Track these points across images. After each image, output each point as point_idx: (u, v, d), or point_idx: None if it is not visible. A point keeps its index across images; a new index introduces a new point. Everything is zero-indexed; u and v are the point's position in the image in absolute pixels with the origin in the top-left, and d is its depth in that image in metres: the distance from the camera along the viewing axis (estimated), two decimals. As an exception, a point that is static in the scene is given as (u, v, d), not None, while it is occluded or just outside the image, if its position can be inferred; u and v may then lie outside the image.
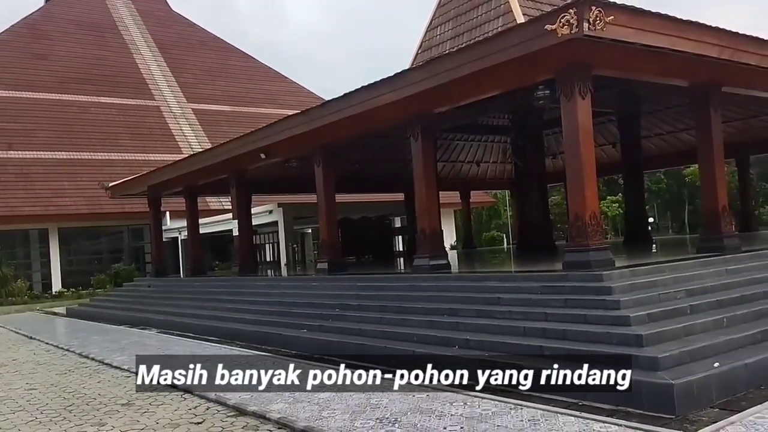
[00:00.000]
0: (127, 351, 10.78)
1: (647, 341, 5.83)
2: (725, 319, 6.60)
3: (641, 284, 7.30)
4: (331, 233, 12.72)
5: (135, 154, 31.50)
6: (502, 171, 23.04)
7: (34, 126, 30.93)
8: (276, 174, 17.08)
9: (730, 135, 17.32)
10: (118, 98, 34.84)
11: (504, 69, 8.13)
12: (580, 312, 6.80)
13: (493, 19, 14.47)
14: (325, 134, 11.74)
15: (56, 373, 9.31)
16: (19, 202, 27.77)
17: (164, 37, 40.37)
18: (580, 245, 7.91)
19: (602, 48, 7.58)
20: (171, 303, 15.76)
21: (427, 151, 10.48)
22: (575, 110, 7.89)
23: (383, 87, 9.68)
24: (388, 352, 7.76)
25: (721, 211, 9.77)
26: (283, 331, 10.05)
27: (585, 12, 6.90)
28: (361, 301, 10.00)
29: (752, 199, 23.52)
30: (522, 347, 6.58)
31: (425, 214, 10.44)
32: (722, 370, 5.47)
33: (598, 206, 8.26)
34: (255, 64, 42.32)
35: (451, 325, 7.81)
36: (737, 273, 8.32)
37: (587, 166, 7.93)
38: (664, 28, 7.81)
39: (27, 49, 34.94)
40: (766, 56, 9.38)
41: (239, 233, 15.81)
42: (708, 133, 9.84)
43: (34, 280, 29.08)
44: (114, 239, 32.11)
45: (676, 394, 5.05)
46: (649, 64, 8.53)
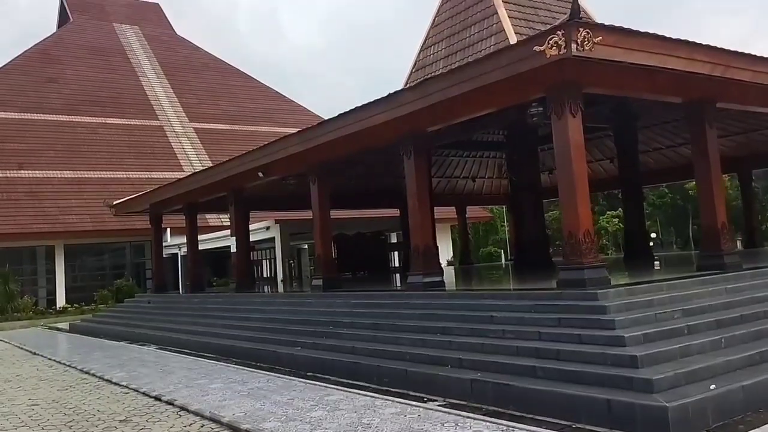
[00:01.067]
0: (127, 367, 10.89)
1: (642, 362, 5.71)
2: (723, 340, 6.46)
3: (638, 303, 7.18)
4: (325, 250, 12.73)
5: (139, 172, 32.12)
6: (498, 186, 23.05)
7: (43, 146, 31.73)
8: (274, 191, 17.18)
9: (731, 149, 17.31)
10: (124, 119, 35.73)
11: (494, 89, 8.16)
12: (574, 332, 6.70)
13: (486, 38, 14.56)
14: (320, 153, 11.82)
15: (58, 389, 9.40)
16: (28, 220, 28.32)
17: (169, 60, 41.49)
18: (574, 263, 7.84)
19: (592, 67, 7.60)
20: (170, 319, 15.78)
21: (420, 169, 10.50)
22: (566, 128, 7.89)
23: (376, 107, 9.75)
24: (380, 371, 7.71)
25: (720, 228, 9.61)
26: (278, 348, 10.03)
27: (573, 33, 6.93)
28: (354, 318, 9.95)
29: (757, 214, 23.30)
30: (514, 367, 6.49)
31: (418, 231, 10.43)
32: (719, 393, 5.32)
33: (592, 223, 8.22)
34: (254, 84, 43.21)
35: (443, 343, 7.73)
36: (737, 292, 8.16)
37: (580, 184, 7.90)
38: (653, 47, 7.82)
39: (39, 74, 36.04)
40: (758, 72, 9.37)
41: (237, 250, 15.86)
42: (704, 148, 9.75)
43: (39, 295, 29.46)
44: (117, 255, 32.48)
45: (671, 417, 4.92)
46: (640, 82, 8.55)
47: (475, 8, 15.15)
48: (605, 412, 5.31)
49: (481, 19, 14.83)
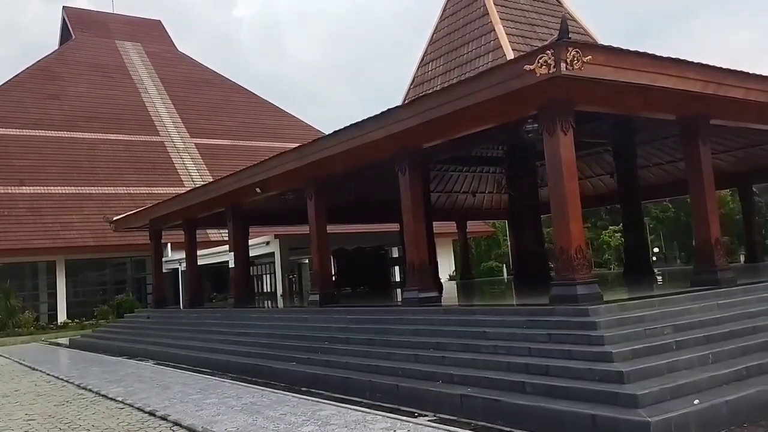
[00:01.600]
0: (124, 383, 10.93)
1: (629, 378, 5.75)
2: (711, 355, 6.49)
3: (628, 319, 7.22)
4: (323, 265, 12.80)
5: (139, 187, 32.26)
6: (498, 201, 23.08)
7: (45, 162, 31.95)
8: (273, 206, 17.24)
9: (731, 164, 17.34)
10: (125, 135, 35.97)
11: (486, 107, 8.27)
12: (564, 347, 6.74)
13: (483, 55, 14.65)
14: (317, 169, 11.95)
15: (54, 404, 9.46)
16: (29, 236, 28.40)
17: (170, 76, 41.87)
18: (566, 279, 7.88)
19: (583, 85, 7.70)
20: (168, 334, 15.82)
21: (415, 185, 10.59)
22: (558, 146, 7.98)
23: (371, 124, 9.88)
24: (373, 386, 7.74)
25: (714, 244, 9.65)
26: (273, 363, 10.06)
27: (562, 53, 7.05)
28: (349, 334, 9.99)
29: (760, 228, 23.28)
30: (504, 382, 6.53)
31: (414, 247, 10.49)
32: (702, 407, 5.36)
33: (583, 240, 8.26)
34: (256, 100, 43.53)
35: (436, 359, 7.77)
36: (728, 307, 8.18)
37: (572, 200, 7.97)
38: (643, 66, 7.93)
39: (40, 90, 36.39)
40: (751, 90, 9.47)
41: (235, 265, 15.92)
42: (698, 165, 9.82)
43: (40, 311, 29.46)
44: (117, 271, 32.51)
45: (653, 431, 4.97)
46: (633, 100, 8.64)
47: (472, 25, 15.29)
48: (590, 427, 5.34)
49: (478, 36, 14.95)
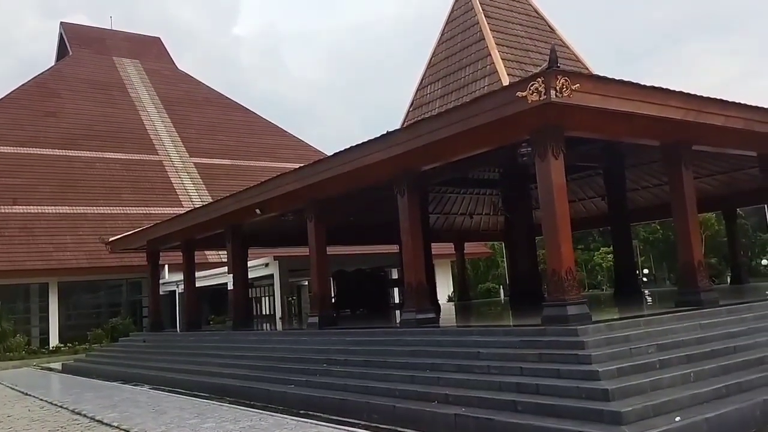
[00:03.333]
0: (119, 408, 10.91)
1: (614, 396, 5.98)
2: (693, 374, 6.73)
3: (615, 339, 7.47)
4: (322, 287, 12.96)
5: (136, 207, 32.04)
6: (495, 223, 23.37)
7: (38, 181, 31.62)
8: (272, 227, 17.42)
9: (715, 187, 17.75)
10: (123, 153, 35.79)
11: (481, 131, 8.61)
12: (553, 366, 6.96)
13: (479, 79, 15.05)
14: (317, 191, 12.19)
15: (49, 429, 9.46)
16: (21, 257, 28.06)
17: (169, 94, 41.84)
18: (557, 300, 8.13)
19: (572, 111, 8.06)
20: (165, 358, 15.79)
21: (413, 207, 10.85)
22: (549, 170, 8.30)
23: (370, 147, 10.19)
24: (370, 407, 7.89)
25: (697, 266, 9.94)
26: (271, 386, 10.16)
27: (552, 81, 7.41)
28: (347, 356, 10.14)
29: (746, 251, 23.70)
30: (496, 402, 6.73)
31: (412, 268, 10.71)
32: (683, 425, 5.58)
33: (573, 261, 8.52)
34: (255, 119, 43.58)
35: (432, 380, 7.95)
36: (711, 327, 8.45)
37: (562, 223, 8.25)
38: (628, 94, 8.32)
39: (36, 107, 36.12)
40: (730, 117, 9.88)
41: (234, 287, 16.03)
42: (680, 189, 10.13)
43: (32, 334, 28.93)
44: (112, 293, 32.04)
45: (634, 449, 5.18)
46: (619, 126, 9.01)
47: (469, 50, 15.72)
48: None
49: (475, 60, 15.37)
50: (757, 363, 7.53)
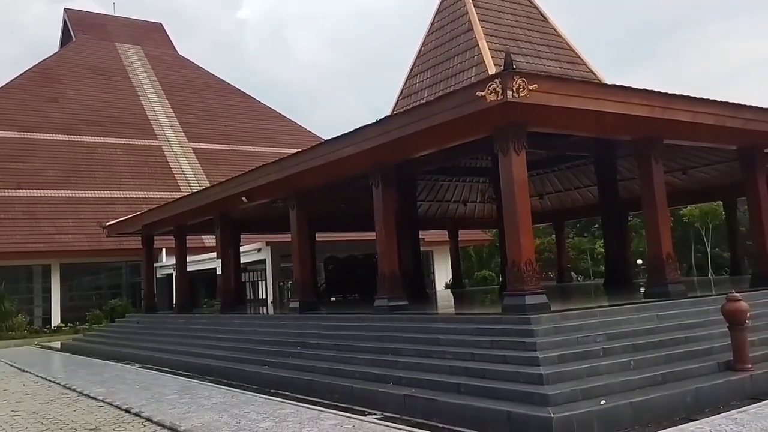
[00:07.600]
0: (107, 384, 11.55)
1: (548, 380, 6.37)
2: (632, 362, 7.08)
3: (566, 328, 7.83)
4: (303, 274, 13.41)
5: (136, 192, 32.73)
6: (490, 210, 23.40)
7: (42, 166, 32.34)
8: (264, 214, 17.82)
9: (714, 177, 17.58)
10: (124, 138, 36.37)
11: (445, 128, 8.91)
12: (502, 353, 7.37)
13: (467, 69, 15.18)
14: (297, 181, 12.61)
15: (40, 402, 10.09)
16: (24, 239, 28.83)
17: (170, 79, 42.24)
18: (516, 290, 8.48)
19: (534, 110, 8.33)
20: (155, 339, 16.39)
21: (387, 199, 11.24)
22: (510, 165, 8.59)
23: (343, 141, 10.56)
24: (331, 388, 8.35)
25: (665, 258, 10.22)
26: (247, 367, 10.68)
27: (508, 81, 7.70)
28: (319, 339, 10.62)
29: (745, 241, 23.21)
30: (444, 384, 7.16)
31: (385, 257, 11.15)
32: (607, 407, 5.95)
33: (533, 253, 8.85)
34: (255, 104, 43.85)
35: (390, 363, 8.40)
36: (667, 318, 8.72)
37: (522, 217, 8.57)
38: (588, 93, 8.58)
39: (40, 93, 36.73)
40: (699, 113, 10.10)
41: (222, 272, 16.52)
42: (650, 182, 10.38)
43: (35, 314, 29.80)
44: (112, 275, 32.85)
45: (555, 427, 5.57)
46: (586, 122, 9.24)
47: (458, 40, 15.84)
48: (506, 422, 5.99)
49: (463, 50, 15.49)
50: (704, 354, 7.81)
